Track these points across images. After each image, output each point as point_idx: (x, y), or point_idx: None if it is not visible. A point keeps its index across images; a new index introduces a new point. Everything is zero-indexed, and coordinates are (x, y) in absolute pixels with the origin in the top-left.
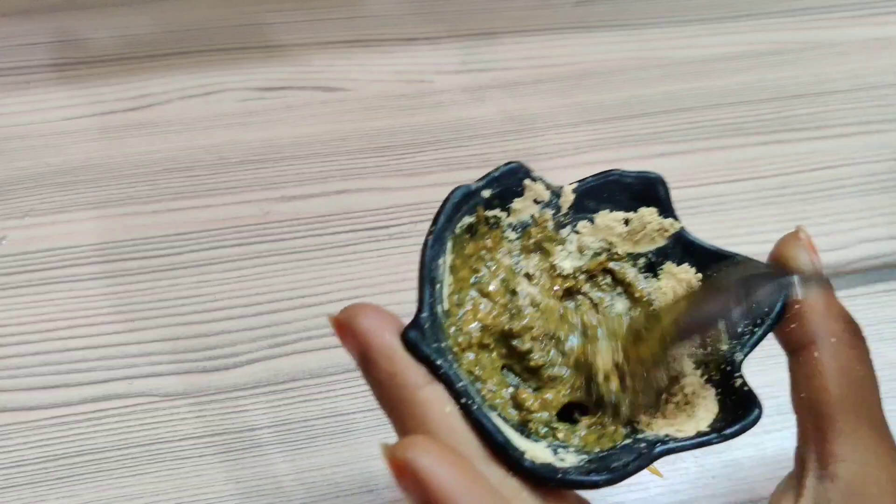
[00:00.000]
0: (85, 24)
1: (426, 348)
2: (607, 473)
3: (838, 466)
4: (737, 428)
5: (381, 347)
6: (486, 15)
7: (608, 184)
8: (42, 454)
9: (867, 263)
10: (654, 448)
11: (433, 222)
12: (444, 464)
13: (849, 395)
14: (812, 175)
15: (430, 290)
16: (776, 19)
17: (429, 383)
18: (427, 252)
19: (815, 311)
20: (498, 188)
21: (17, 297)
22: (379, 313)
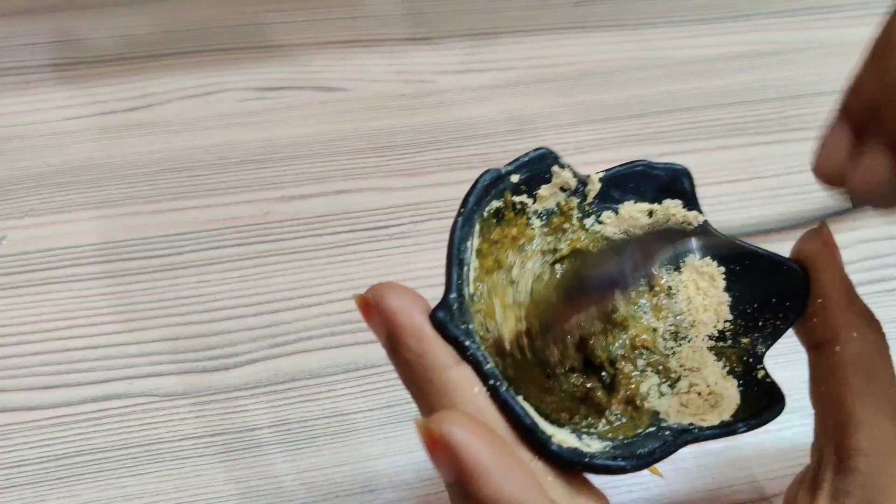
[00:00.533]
0: (85, 24)
1: (455, 329)
2: (634, 459)
3: (858, 460)
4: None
5: (410, 327)
6: (486, 15)
7: (635, 174)
8: (42, 454)
9: (867, 263)
10: (679, 436)
11: (462, 204)
12: (478, 437)
13: (870, 390)
14: (812, 175)
15: (458, 272)
16: (776, 19)
17: (457, 364)
18: (456, 233)
19: (837, 307)
20: (526, 173)
21: (17, 297)
22: (407, 293)
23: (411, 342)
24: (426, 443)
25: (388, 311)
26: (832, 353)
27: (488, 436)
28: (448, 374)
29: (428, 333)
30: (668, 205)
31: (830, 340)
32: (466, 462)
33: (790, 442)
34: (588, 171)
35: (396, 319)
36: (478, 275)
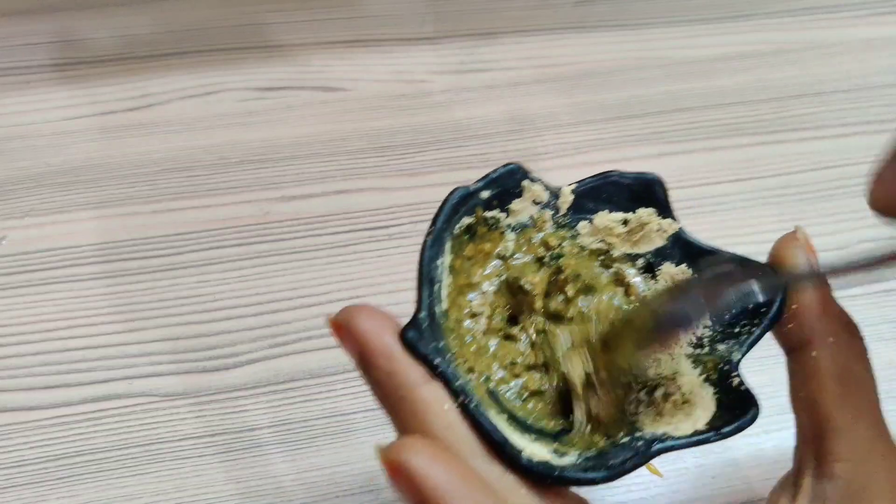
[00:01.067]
0: (85, 24)
1: (424, 348)
2: (605, 471)
3: (836, 465)
4: (734, 427)
5: (380, 348)
6: (486, 15)
7: (607, 185)
8: (42, 454)
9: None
10: (651, 446)
11: (432, 223)
12: (438, 463)
13: (847, 394)
14: (812, 175)
15: (428, 291)
16: (776, 19)
17: (427, 382)
18: (426, 253)
19: (812, 311)
20: (496, 189)
21: (17, 297)
22: (376, 314)
23: (381, 362)
24: (387, 470)
25: (359, 333)
26: (809, 358)
27: (449, 461)
28: (418, 392)
29: (397, 354)
30: (642, 213)
31: (806, 346)
32: (427, 489)
33: (789, 442)
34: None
35: (366, 340)
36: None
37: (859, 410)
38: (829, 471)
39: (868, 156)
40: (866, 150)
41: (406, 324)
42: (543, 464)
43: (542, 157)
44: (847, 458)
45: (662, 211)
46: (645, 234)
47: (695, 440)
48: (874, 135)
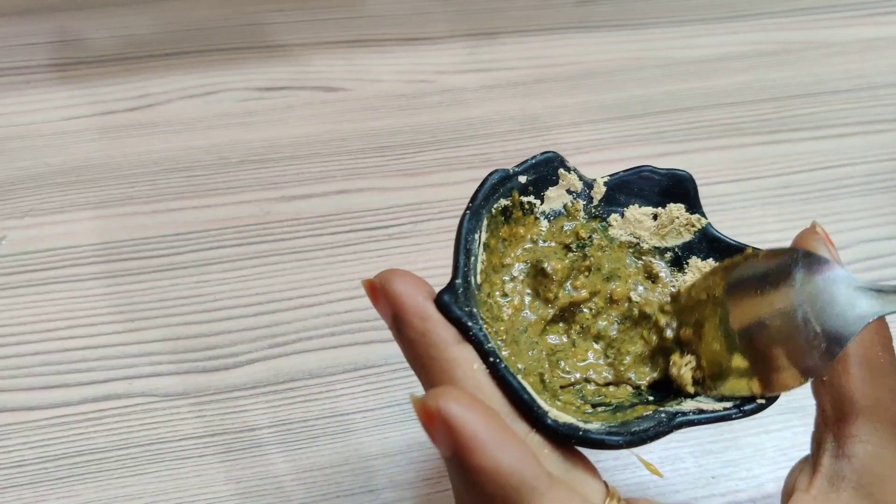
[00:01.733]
0: (85, 24)
1: (458, 310)
2: (628, 436)
3: (856, 446)
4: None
5: (414, 308)
6: (486, 15)
7: (639, 179)
8: (42, 454)
9: (867, 263)
10: (673, 418)
11: (471, 199)
12: (472, 411)
13: (871, 379)
14: (812, 175)
15: (465, 260)
16: (776, 19)
17: (459, 342)
18: (464, 225)
19: None
20: (533, 175)
21: (17, 297)
22: (412, 278)
23: (415, 322)
24: (422, 419)
25: (394, 294)
26: None
27: (483, 409)
28: (450, 352)
29: (431, 314)
30: (672, 208)
31: None
32: (462, 435)
33: (790, 442)
34: (591, 174)
35: (401, 301)
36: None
37: (882, 395)
38: (849, 451)
39: (868, 156)
40: (866, 150)
41: (442, 288)
42: (568, 425)
43: None
44: (867, 440)
45: (692, 207)
46: (673, 227)
47: (716, 416)
48: (874, 135)
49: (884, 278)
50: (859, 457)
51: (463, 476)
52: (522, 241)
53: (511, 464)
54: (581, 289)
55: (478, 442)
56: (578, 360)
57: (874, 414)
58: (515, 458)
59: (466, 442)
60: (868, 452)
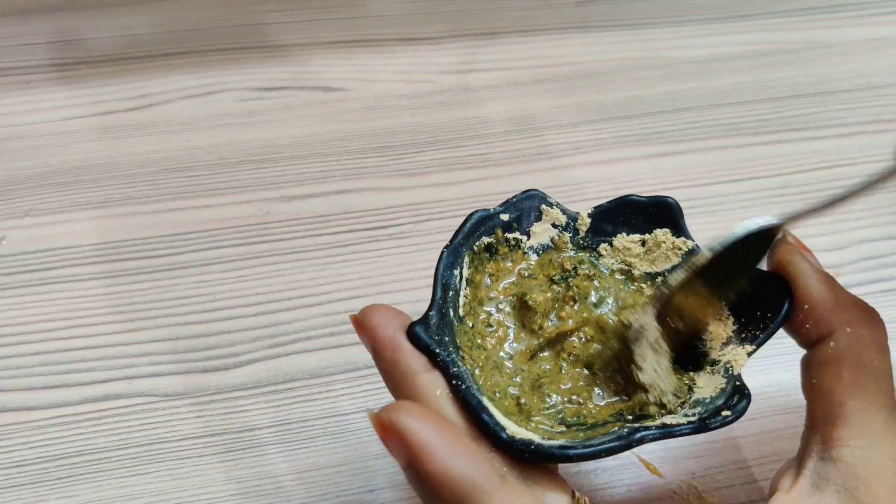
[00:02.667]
0: (85, 24)
1: (427, 339)
2: (581, 448)
3: (842, 450)
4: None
5: (386, 339)
6: (486, 15)
7: (623, 207)
8: (42, 454)
9: (867, 263)
10: (633, 434)
11: (451, 238)
12: (424, 421)
13: (859, 382)
14: (812, 175)
15: (441, 294)
16: (776, 19)
17: (427, 370)
18: (442, 261)
19: (826, 307)
20: (516, 213)
21: (17, 297)
22: (388, 312)
23: (387, 353)
24: (378, 431)
25: (370, 327)
26: (826, 347)
27: (435, 420)
28: (417, 379)
29: (401, 345)
30: (658, 233)
31: (825, 338)
32: (415, 444)
33: (790, 442)
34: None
35: (375, 334)
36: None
37: (872, 398)
38: (834, 454)
39: (868, 156)
40: (866, 150)
41: (415, 320)
42: (523, 440)
43: (542, 157)
44: (854, 444)
45: (677, 230)
46: (661, 252)
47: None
48: (874, 135)
49: (884, 278)
50: (845, 460)
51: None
52: (509, 275)
53: (462, 469)
54: (567, 318)
55: (429, 450)
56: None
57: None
58: (466, 464)
59: (419, 451)
60: (855, 456)
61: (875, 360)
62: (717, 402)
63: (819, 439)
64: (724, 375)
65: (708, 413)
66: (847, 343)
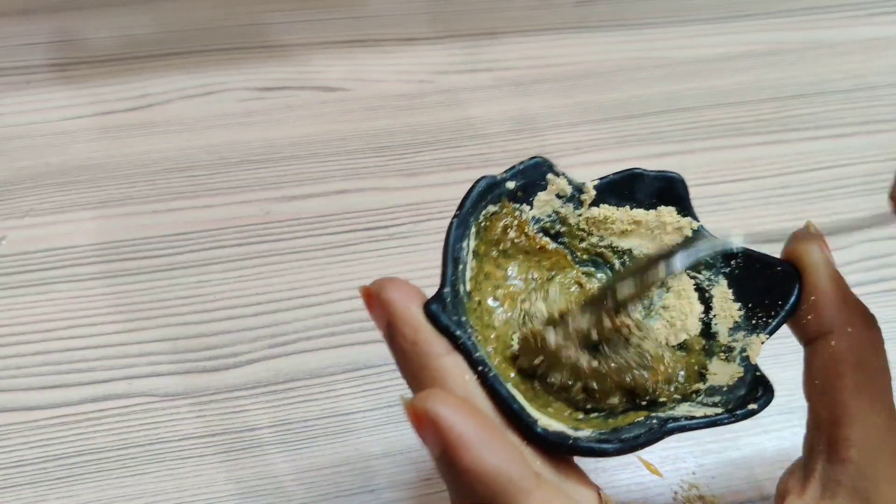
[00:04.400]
0: (85, 24)
1: (446, 319)
2: (619, 443)
3: (850, 451)
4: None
5: (407, 317)
6: (486, 15)
7: (629, 181)
8: (42, 454)
9: (867, 263)
10: (664, 425)
11: (459, 207)
12: (461, 412)
13: (863, 383)
14: (812, 175)
15: (452, 268)
16: (776, 19)
17: (449, 352)
18: (452, 233)
19: (831, 303)
20: (522, 181)
21: (17, 297)
22: (405, 286)
23: (407, 331)
24: (412, 419)
25: (387, 302)
26: (827, 347)
27: (471, 411)
28: (440, 362)
29: (423, 323)
30: (663, 211)
31: (825, 335)
32: (451, 436)
33: (790, 442)
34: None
35: (394, 310)
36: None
37: (874, 399)
38: (842, 456)
39: (868, 156)
40: (866, 150)
41: (430, 297)
42: (558, 433)
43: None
44: (861, 445)
45: (683, 209)
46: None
47: (707, 422)
48: (874, 135)
49: (884, 278)
50: (853, 461)
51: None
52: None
53: (498, 464)
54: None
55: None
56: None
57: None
58: (503, 459)
59: (454, 442)
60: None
61: (876, 362)
62: (737, 392)
63: (825, 441)
64: (742, 364)
65: (733, 404)
66: (849, 343)
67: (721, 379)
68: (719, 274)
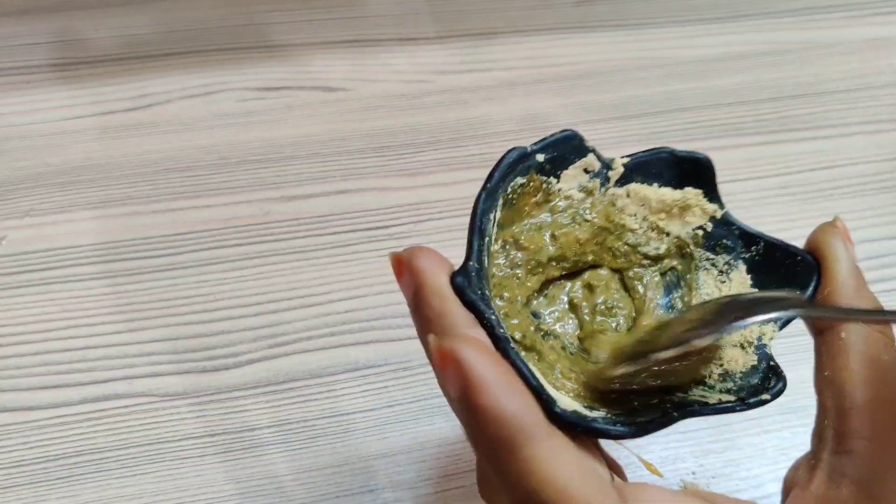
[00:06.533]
0: (85, 24)
1: (471, 294)
2: (633, 427)
3: (856, 443)
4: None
5: (435, 287)
6: (486, 15)
7: (658, 160)
8: (42, 454)
9: (867, 263)
10: (679, 409)
11: (487, 179)
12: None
13: (872, 375)
14: (812, 175)
15: (479, 242)
16: (776, 19)
17: (473, 326)
18: (480, 205)
19: (845, 295)
20: (552, 154)
21: (17, 297)
22: (436, 256)
23: (434, 301)
24: (436, 358)
25: (417, 270)
26: (837, 338)
27: (493, 357)
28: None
29: (450, 295)
30: (689, 192)
31: (836, 327)
32: (471, 376)
33: (790, 442)
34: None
35: (423, 279)
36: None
37: (883, 391)
38: (849, 447)
39: (868, 156)
40: (866, 150)
41: (456, 270)
42: (575, 413)
43: None
44: (868, 436)
45: (710, 192)
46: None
47: (720, 408)
48: (874, 135)
49: (884, 278)
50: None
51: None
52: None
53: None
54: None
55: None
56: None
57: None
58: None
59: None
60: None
61: (884, 356)
62: (750, 381)
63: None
64: (757, 353)
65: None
66: (859, 336)
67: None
68: (739, 259)
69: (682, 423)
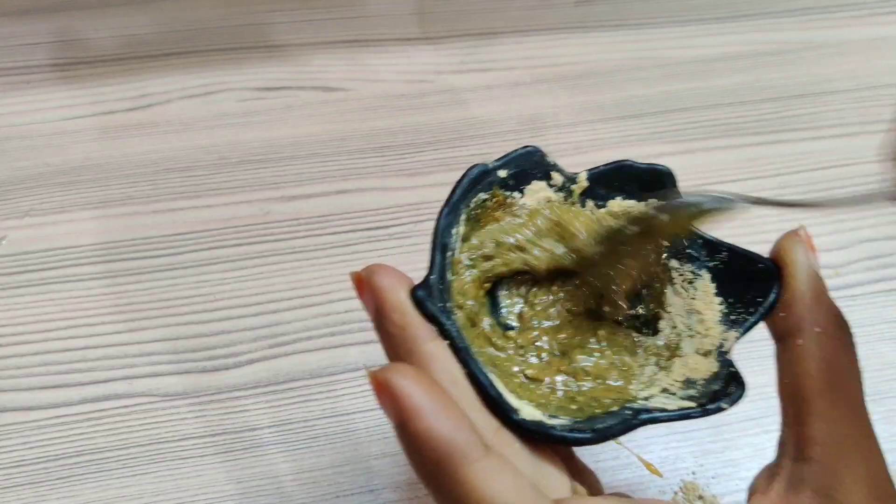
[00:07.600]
0: (85, 24)
1: (432, 306)
2: (592, 433)
3: (814, 449)
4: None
5: (395, 303)
6: (486, 15)
7: (619, 173)
8: (42, 454)
9: (867, 263)
10: (637, 416)
11: (450, 195)
12: (418, 384)
13: (829, 382)
14: (812, 175)
15: (441, 256)
16: (776, 19)
17: (434, 339)
18: (441, 220)
19: (804, 303)
20: (514, 169)
21: (17, 297)
22: (394, 273)
23: (395, 317)
24: (374, 387)
25: (377, 288)
26: (795, 345)
27: (428, 384)
28: (426, 347)
29: (410, 310)
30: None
31: (794, 334)
32: (404, 404)
33: None
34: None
35: (383, 296)
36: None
37: (839, 397)
38: (807, 454)
39: (868, 156)
40: (866, 150)
41: (417, 284)
42: (535, 422)
43: None
44: (825, 443)
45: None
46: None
47: (679, 415)
48: (874, 135)
49: (884, 278)
50: (818, 460)
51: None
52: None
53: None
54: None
55: (418, 410)
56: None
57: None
58: (451, 427)
59: (407, 410)
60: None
61: (843, 362)
62: (712, 387)
63: (793, 439)
64: (718, 360)
65: (707, 399)
66: (816, 343)
67: (698, 372)
68: (703, 267)
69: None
